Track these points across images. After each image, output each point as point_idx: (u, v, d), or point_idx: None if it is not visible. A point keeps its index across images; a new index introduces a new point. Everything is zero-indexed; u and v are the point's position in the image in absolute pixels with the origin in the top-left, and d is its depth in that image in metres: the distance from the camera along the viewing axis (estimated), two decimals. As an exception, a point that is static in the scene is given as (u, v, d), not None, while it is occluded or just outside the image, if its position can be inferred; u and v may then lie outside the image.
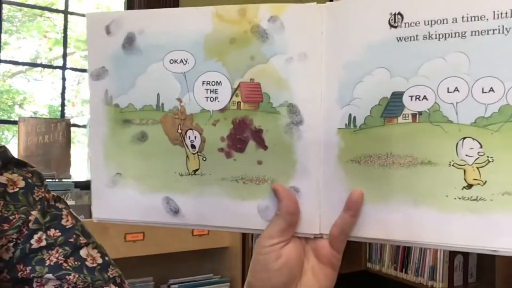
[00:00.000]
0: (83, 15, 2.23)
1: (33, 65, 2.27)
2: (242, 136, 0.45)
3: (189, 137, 0.47)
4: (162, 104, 0.47)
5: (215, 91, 0.46)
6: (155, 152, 0.48)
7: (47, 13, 2.29)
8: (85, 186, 1.74)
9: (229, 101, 0.46)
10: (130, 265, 1.56)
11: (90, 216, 1.47)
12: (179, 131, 0.47)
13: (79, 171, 1.96)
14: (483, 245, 0.40)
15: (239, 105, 0.45)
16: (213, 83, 0.46)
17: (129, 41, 0.48)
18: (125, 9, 2.29)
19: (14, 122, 2.06)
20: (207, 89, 0.46)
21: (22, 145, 1.69)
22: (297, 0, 0.48)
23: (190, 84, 0.46)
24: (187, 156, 0.47)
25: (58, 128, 1.77)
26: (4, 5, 2.03)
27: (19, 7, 2.21)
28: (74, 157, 1.85)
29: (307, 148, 0.44)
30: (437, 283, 1.95)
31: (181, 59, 0.46)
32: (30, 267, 0.52)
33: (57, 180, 1.74)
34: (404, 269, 2.11)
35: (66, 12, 2.14)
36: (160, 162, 0.48)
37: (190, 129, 0.47)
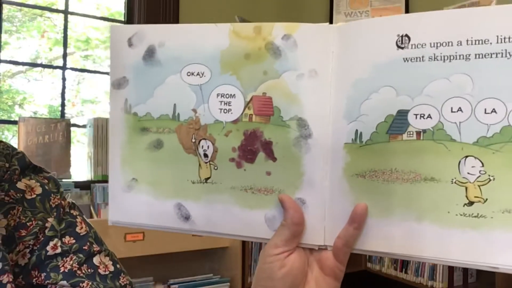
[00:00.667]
0: (83, 15, 2.27)
1: (33, 65, 2.31)
2: (252, 147, 0.47)
3: (202, 146, 0.49)
4: (178, 114, 0.50)
5: (228, 103, 0.48)
6: (170, 160, 0.51)
7: (47, 13, 2.32)
8: (85, 186, 1.75)
9: (242, 113, 0.48)
10: (130, 265, 1.58)
11: (90, 216, 1.49)
12: (193, 140, 0.49)
13: (79, 171, 1.97)
14: (483, 261, 0.41)
15: (251, 118, 0.47)
16: (227, 96, 0.48)
17: (150, 53, 0.50)
18: (125, 9, 2.33)
19: (14, 122, 2.08)
20: (221, 101, 0.48)
21: (22, 145, 1.72)
22: (310, 20, 0.50)
23: (206, 96, 0.49)
24: (199, 165, 0.49)
25: (58, 128, 1.79)
26: (4, 5, 2.06)
27: (19, 7, 2.24)
28: (74, 157, 1.87)
29: (315, 161, 0.46)
30: (437, 283, 1.95)
31: (198, 72, 0.49)
32: (45, 274, 0.53)
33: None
34: (404, 269, 2.11)
35: (66, 12, 2.17)
36: (174, 170, 0.50)
37: (204, 139, 0.49)
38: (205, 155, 0.49)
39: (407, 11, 2.39)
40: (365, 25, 0.44)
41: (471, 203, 0.41)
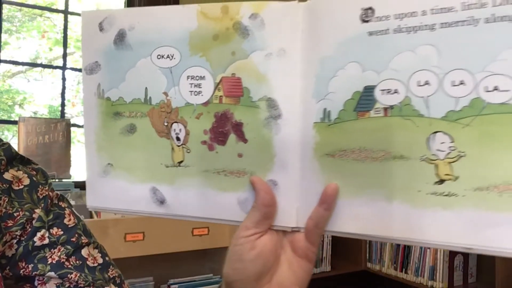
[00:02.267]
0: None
1: (33, 65, 2.32)
2: (223, 129, 0.47)
3: (175, 129, 0.49)
4: (150, 97, 0.49)
5: (199, 85, 0.47)
6: (143, 144, 0.50)
7: (47, 13, 2.33)
8: (85, 186, 1.74)
9: (212, 95, 0.47)
10: (130, 265, 1.59)
11: (90, 216, 1.50)
12: (165, 123, 0.49)
13: (79, 171, 1.97)
14: (456, 242, 0.39)
15: (221, 99, 0.47)
16: (197, 78, 0.47)
17: (120, 37, 0.50)
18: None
19: (14, 122, 2.09)
20: (191, 84, 0.48)
21: (22, 145, 1.73)
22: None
23: (176, 78, 0.48)
24: (172, 148, 0.49)
25: (58, 128, 1.81)
26: (4, 5, 2.07)
27: (19, 7, 2.25)
28: (74, 157, 1.88)
29: (285, 142, 0.45)
30: (437, 283, 1.94)
31: (168, 55, 0.48)
32: (32, 265, 0.53)
33: (57, 180, 1.76)
34: (404, 269, 2.10)
35: (66, 12, 2.17)
36: (148, 154, 0.50)
37: (176, 122, 0.49)
38: (178, 139, 0.49)
39: None
40: (330, 0, 0.43)
41: (441, 181, 0.39)
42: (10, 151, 0.56)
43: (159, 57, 0.49)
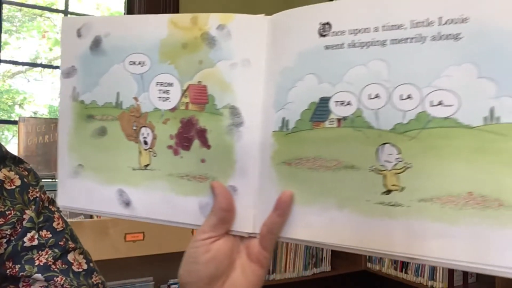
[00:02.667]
0: (83, 15, 2.32)
1: (33, 65, 2.34)
2: (188, 135, 0.48)
3: (143, 133, 0.50)
4: (121, 102, 0.51)
5: (167, 91, 0.49)
6: (113, 146, 0.52)
7: (47, 13, 2.36)
8: None
9: (179, 102, 0.49)
10: (130, 265, 1.59)
11: (90, 216, 1.52)
12: (134, 127, 0.51)
13: None
14: (400, 251, 0.40)
15: (187, 106, 0.48)
16: (166, 84, 0.49)
17: (96, 43, 0.52)
18: (125, 9, 2.36)
19: (14, 122, 2.09)
20: (160, 90, 0.49)
21: (22, 145, 1.75)
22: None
23: (146, 84, 0.50)
24: (140, 152, 0.51)
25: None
26: (4, 5, 2.10)
27: (19, 7, 2.27)
28: None
29: (246, 149, 0.46)
30: (437, 283, 1.93)
31: (139, 61, 0.50)
32: (19, 265, 0.54)
33: (57, 180, 1.77)
34: (404, 269, 2.09)
35: (66, 12, 2.20)
36: (116, 156, 0.52)
37: (144, 126, 0.50)
38: (145, 142, 0.50)
39: None
40: (292, 14, 0.45)
41: (388, 192, 0.40)
42: (1, 150, 0.58)
43: (131, 63, 0.51)
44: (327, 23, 0.43)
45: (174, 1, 2.32)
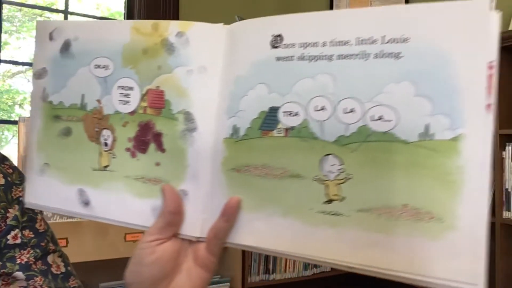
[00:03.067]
0: (83, 15, 2.32)
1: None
2: (145, 138, 0.49)
3: (104, 135, 0.52)
4: (86, 103, 0.53)
5: (127, 95, 0.50)
6: (76, 147, 0.53)
7: (47, 13, 2.38)
8: None
9: (138, 106, 0.50)
10: None
11: None
12: (96, 129, 0.52)
13: None
14: (339, 259, 0.41)
15: (145, 110, 0.50)
16: (127, 88, 0.50)
17: (66, 47, 0.54)
18: (125, 8, 2.38)
19: (14, 122, 2.10)
20: (121, 93, 0.51)
21: (22, 145, 1.78)
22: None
23: (109, 87, 0.51)
24: (100, 153, 0.52)
25: None
26: (4, 5, 2.12)
27: (19, 7, 2.30)
28: None
29: (198, 154, 0.47)
30: None
31: (104, 65, 0.52)
32: (1, 263, 0.55)
33: None
34: None
35: (66, 12, 2.22)
36: (79, 156, 0.53)
37: (105, 128, 0.52)
38: (106, 144, 0.52)
39: None
40: (247, 25, 0.46)
41: (330, 201, 0.41)
42: None
43: (96, 66, 0.52)
44: (279, 36, 0.44)
45: (174, 1, 2.34)
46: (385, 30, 0.39)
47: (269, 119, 0.44)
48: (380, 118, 0.39)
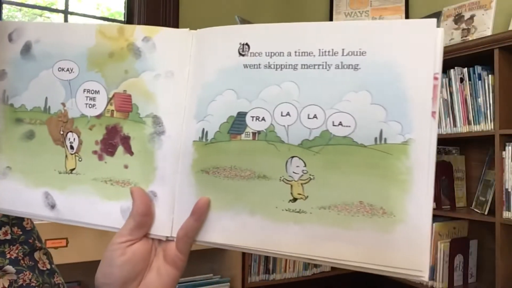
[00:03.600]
0: (83, 15, 2.27)
1: None
2: (113, 141, 0.50)
3: (69, 138, 0.52)
4: (49, 107, 0.53)
5: (93, 98, 0.51)
6: (40, 150, 0.53)
7: (47, 13, 2.31)
8: None
9: (105, 109, 0.51)
10: None
11: None
12: (61, 132, 0.52)
13: None
14: (302, 253, 0.44)
15: (113, 113, 0.50)
16: (93, 92, 0.51)
17: (27, 49, 0.53)
18: (125, 8, 2.35)
19: None
20: (87, 97, 0.51)
21: None
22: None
23: (74, 90, 0.52)
24: (66, 156, 0.52)
25: None
26: (4, 5, 2.06)
27: (19, 7, 2.24)
28: None
29: (167, 156, 0.49)
30: (437, 283, 1.96)
31: (68, 68, 0.52)
32: None
33: None
34: None
35: (66, 12, 2.19)
36: (43, 160, 0.53)
37: (71, 131, 0.52)
38: (71, 147, 0.52)
39: (407, 11, 2.45)
40: (215, 32, 0.48)
41: (294, 200, 0.45)
42: None
43: (59, 69, 0.52)
44: (246, 44, 0.46)
45: (174, 1, 2.29)
46: (345, 44, 0.43)
47: (237, 123, 0.47)
48: (340, 124, 0.43)
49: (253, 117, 0.46)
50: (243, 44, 0.47)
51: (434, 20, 0.40)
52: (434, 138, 0.41)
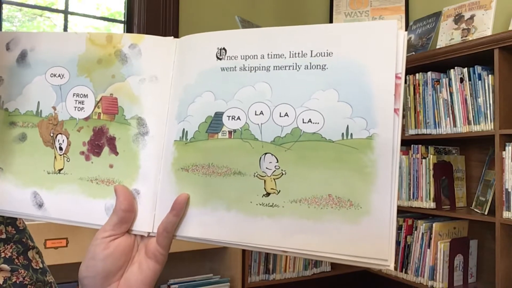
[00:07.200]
0: (83, 15, 2.31)
1: None
2: (99, 142, 0.53)
3: (59, 140, 0.55)
4: (41, 110, 0.56)
5: (82, 102, 0.54)
6: (31, 152, 0.56)
7: (47, 13, 2.36)
8: None
9: (92, 112, 0.54)
10: None
11: None
12: (51, 134, 0.55)
13: None
14: (275, 245, 0.46)
15: (100, 116, 0.53)
16: (81, 95, 0.54)
17: (22, 57, 0.57)
18: (125, 9, 2.39)
19: None
20: (76, 100, 0.54)
21: None
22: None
23: (64, 95, 0.55)
24: (55, 157, 0.55)
25: None
26: (4, 5, 2.11)
27: (19, 7, 2.27)
28: None
29: (150, 156, 0.51)
30: (437, 283, 1.94)
31: (59, 74, 0.55)
32: None
33: None
34: (404, 269, 2.10)
35: (66, 12, 2.22)
36: (34, 161, 0.56)
37: (60, 133, 0.55)
38: (60, 148, 0.55)
39: (407, 11, 2.45)
40: (196, 38, 0.51)
41: (268, 194, 0.47)
42: None
43: (52, 75, 0.55)
44: (223, 48, 0.50)
45: (174, 1, 2.34)
46: (313, 45, 0.46)
47: (215, 123, 0.49)
48: (309, 121, 0.45)
49: (229, 116, 0.49)
50: (220, 49, 0.50)
51: (395, 21, 0.43)
52: (397, 133, 0.43)
